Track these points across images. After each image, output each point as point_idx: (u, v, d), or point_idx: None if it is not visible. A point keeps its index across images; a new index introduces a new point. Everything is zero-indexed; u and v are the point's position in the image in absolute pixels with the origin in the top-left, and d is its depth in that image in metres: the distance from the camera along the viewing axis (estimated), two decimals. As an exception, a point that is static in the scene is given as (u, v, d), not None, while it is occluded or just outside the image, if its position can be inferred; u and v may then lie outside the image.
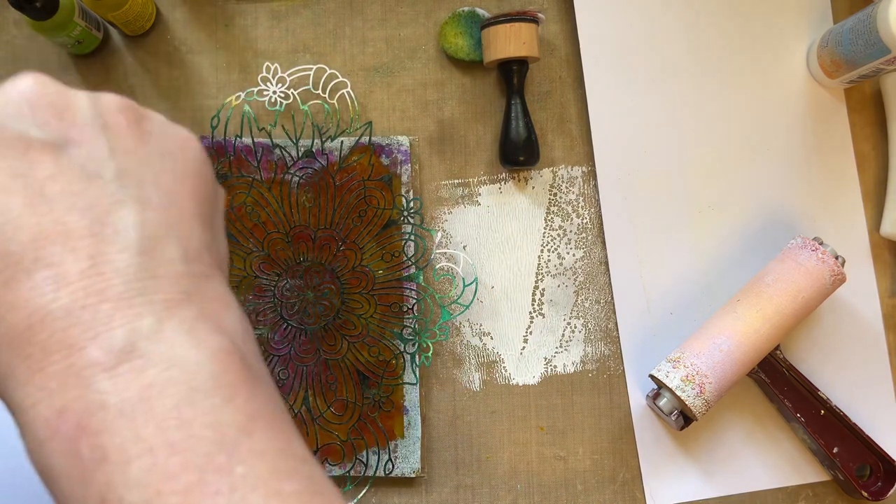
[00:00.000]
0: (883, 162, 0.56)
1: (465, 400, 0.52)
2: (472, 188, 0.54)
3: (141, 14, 0.51)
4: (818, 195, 0.55)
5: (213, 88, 0.53)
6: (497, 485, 0.52)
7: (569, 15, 0.55)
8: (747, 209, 0.54)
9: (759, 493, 0.52)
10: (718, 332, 0.49)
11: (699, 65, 0.55)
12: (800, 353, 0.53)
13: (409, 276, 0.51)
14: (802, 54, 0.55)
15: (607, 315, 0.53)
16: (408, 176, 0.52)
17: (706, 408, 0.47)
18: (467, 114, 0.54)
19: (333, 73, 0.52)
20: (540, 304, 0.53)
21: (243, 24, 0.54)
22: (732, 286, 0.52)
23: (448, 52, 0.53)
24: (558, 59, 0.55)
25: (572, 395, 0.53)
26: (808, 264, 0.48)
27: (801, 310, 0.49)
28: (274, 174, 0.51)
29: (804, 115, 0.55)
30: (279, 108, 0.52)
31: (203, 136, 0.51)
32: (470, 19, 0.53)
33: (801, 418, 0.50)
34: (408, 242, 0.51)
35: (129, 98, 0.26)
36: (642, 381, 0.53)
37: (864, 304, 0.54)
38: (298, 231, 0.51)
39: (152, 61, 0.53)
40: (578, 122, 0.55)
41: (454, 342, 0.53)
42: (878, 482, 0.51)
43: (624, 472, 0.52)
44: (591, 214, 0.54)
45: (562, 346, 0.53)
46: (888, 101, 0.54)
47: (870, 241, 0.55)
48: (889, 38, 0.46)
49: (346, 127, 0.52)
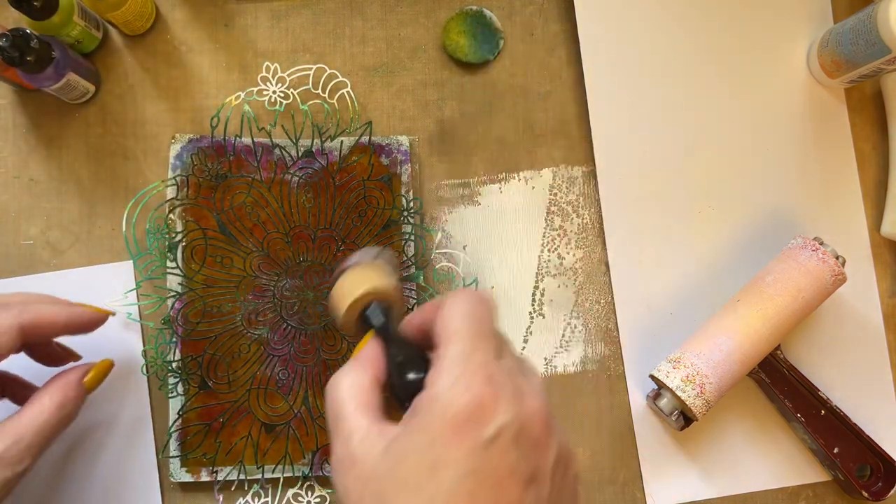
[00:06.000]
0: (883, 162, 0.56)
1: (465, 400, 0.52)
2: (472, 188, 0.54)
3: (140, 14, 0.51)
4: (818, 195, 0.55)
5: (212, 88, 0.53)
6: (497, 485, 0.52)
7: (569, 15, 0.55)
8: (747, 209, 0.54)
9: (760, 493, 0.52)
10: (719, 332, 0.49)
11: (699, 65, 0.55)
12: (800, 353, 0.53)
13: (409, 276, 0.51)
14: (802, 54, 0.55)
15: (607, 315, 0.53)
16: (408, 176, 0.52)
17: (706, 408, 0.47)
18: (467, 114, 0.54)
19: (333, 73, 0.52)
20: (540, 304, 0.53)
21: (243, 24, 0.54)
22: (732, 286, 0.52)
23: (448, 50, 0.53)
24: (558, 59, 0.55)
25: (572, 395, 0.53)
26: (808, 264, 0.48)
27: (802, 310, 0.49)
28: (274, 174, 0.51)
29: (804, 115, 0.55)
30: (279, 107, 0.51)
31: (203, 136, 0.51)
32: (475, 20, 0.53)
33: (801, 418, 0.50)
34: (408, 242, 0.51)
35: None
36: (642, 381, 0.53)
37: (864, 304, 0.54)
38: (298, 231, 0.51)
39: (152, 61, 0.53)
40: (578, 122, 0.54)
41: (454, 342, 0.53)
42: (878, 482, 0.51)
43: (624, 472, 0.52)
44: (591, 214, 0.54)
45: (562, 346, 0.53)
46: (888, 101, 0.54)
47: (870, 241, 0.55)
48: (889, 38, 0.46)
49: (345, 127, 0.52)
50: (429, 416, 0.28)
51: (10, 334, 0.38)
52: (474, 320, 0.30)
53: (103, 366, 0.43)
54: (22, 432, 0.38)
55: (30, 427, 0.38)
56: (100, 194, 0.52)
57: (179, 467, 0.49)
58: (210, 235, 0.50)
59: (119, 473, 0.49)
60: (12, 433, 0.37)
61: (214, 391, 0.49)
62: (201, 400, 0.49)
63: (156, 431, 0.50)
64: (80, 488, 0.49)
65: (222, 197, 0.50)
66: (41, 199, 0.52)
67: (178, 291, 0.49)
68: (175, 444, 0.49)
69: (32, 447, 0.38)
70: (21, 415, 0.39)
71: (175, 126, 0.52)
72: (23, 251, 0.51)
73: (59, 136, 0.52)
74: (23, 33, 0.44)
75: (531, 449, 0.28)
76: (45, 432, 0.38)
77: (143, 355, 0.50)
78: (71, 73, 0.48)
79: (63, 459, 0.49)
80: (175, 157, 0.51)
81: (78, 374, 0.42)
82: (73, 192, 0.52)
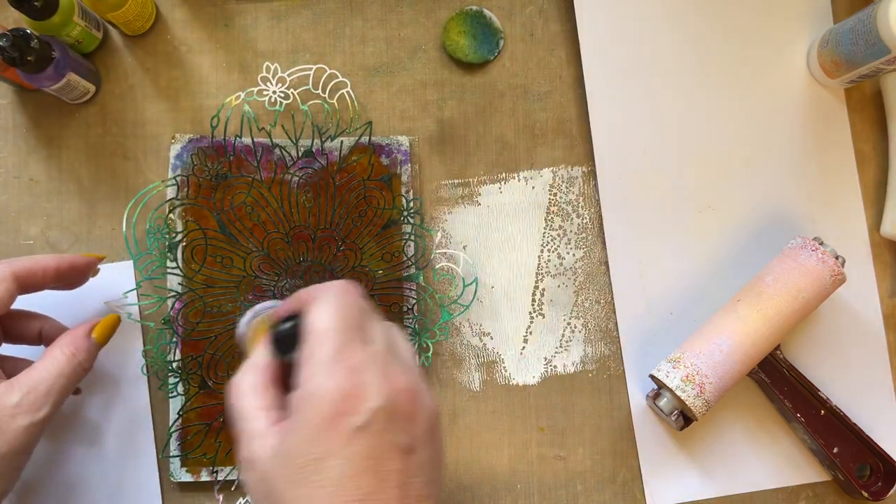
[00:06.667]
0: (883, 162, 0.56)
1: (465, 400, 0.52)
2: (472, 188, 0.54)
3: (140, 14, 0.51)
4: (818, 195, 0.55)
5: (212, 88, 0.53)
6: (497, 485, 0.52)
7: (569, 15, 0.55)
8: (747, 209, 0.54)
9: (759, 493, 0.52)
10: (719, 332, 0.49)
11: (699, 65, 0.55)
12: (800, 353, 0.53)
13: (409, 276, 0.51)
14: (802, 54, 0.55)
15: (607, 315, 0.53)
16: (408, 176, 0.52)
17: (706, 408, 0.47)
18: (467, 114, 0.54)
19: (333, 73, 0.52)
20: (540, 304, 0.53)
21: (243, 24, 0.54)
22: (732, 286, 0.52)
23: (448, 49, 0.53)
24: (558, 59, 0.55)
25: (572, 395, 0.53)
26: (808, 264, 0.48)
27: (802, 310, 0.49)
28: (274, 174, 0.51)
29: (804, 115, 0.55)
30: (279, 108, 0.51)
31: (203, 136, 0.51)
32: (475, 20, 0.53)
33: (801, 418, 0.50)
34: (408, 242, 0.51)
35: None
36: (642, 381, 0.53)
37: (864, 304, 0.54)
38: (298, 231, 0.51)
39: (152, 61, 0.53)
40: (578, 122, 0.55)
41: (454, 342, 0.53)
42: (878, 482, 0.51)
43: (624, 472, 0.52)
44: (591, 214, 0.54)
45: (562, 346, 0.53)
46: (888, 101, 0.54)
47: (870, 241, 0.55)
48: (889, 38, 0.46)
49: (345, 127, 0.52)
50: (305, 414, 0.30)
51: (5, 282, 0.40)
52: (339, 317, 0.32)
53: (109, 319, 0.45)
54: (37, 381, 0.40)
55: (44, 376, 0.40)
56: (100, 194, 0.52)
57: (179, 467, 0.49)
58: (210, 235, 0.50)
59: (119, 473, 0.49)
60: (27, 382, 0.40)
61: (214, 391, 0.49)
62: (201, 400, 0.49)
63: (156, 431, 0.50)
64: (80, 488, 0.49)
65: (222, 197, 0.50)
66: (41, 199, 0.52)
67: (178, 291, 0.49)
68: (175, 444, 0.49)
69: (49, 395, 0.40)
70: (34, 367, 0.41)
71: (175, 126, 0.52)
72: (23, 251, 0.51)
73: (59, 136, 0.52)
74: (23, 33, 0.44)
75: (405, 422, 0.31)
76: (60, 381, 0.40)
77: (143, 355, 0.50)
78: (71, 74, 0.48)
79: (63, 459, 0.49)
80: (175, 157, 0.51)
81: (85, 328, 0.43)
82: (73, 192, 0.52)
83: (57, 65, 0.47)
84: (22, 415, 0.38)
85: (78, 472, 0.49)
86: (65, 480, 0.49)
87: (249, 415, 0.33)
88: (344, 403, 0.30)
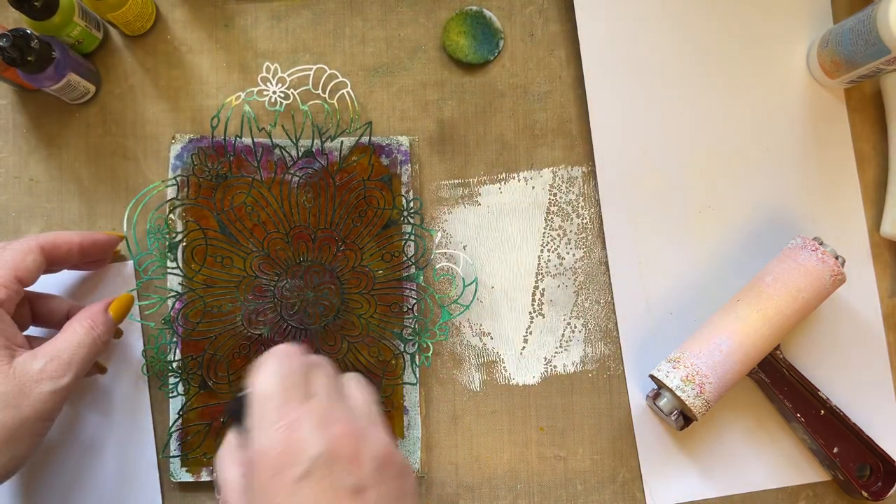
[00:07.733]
0: (883, 162, 0.56)
1: (465, 400, 0.52)
2: (472, 188, 0.54)
3: (141, 14, 0.51)
4: (818, 195, 0.55)
5: (212, 88, 0.53)
6: (497, 485, 0.52)
7: (569, 15, 0.55)
8: (747, 209, 0.54)
9: (759, 493, 0.53)
10: (718, 332, 0.49)
11: (699, 64, 0.55)
12: (800, 353, 0.53)
13: (409, 276, 0.51)
14: (802, 54, 0.55)
15: (607, 315, 0.53)
16: (408, 176, 0.52)
17: (706, 408, 0.48)
18: (467, 114, 0.54)
19: (333, 73, 0.52)
20: (540, 304, 0.53)
21: (243, 24, 0.54)
22: (732, 286, 0.52)
23: (448, 50, 0.53)
24: (558, 59, 0.55)
25: (572, 395, 0.53)
26: (808, 264, 0.48)
27: (801, 310, 0.49)
28: (274, 174, 0.51)
29: (804, 115, 0.55)
30: (279, 108, 0.51)
31: (203, 136, 0.51)
32: (475, 20, 0.53)
33: (801, 418, 0.50)
34: (408, 242, 0.51)
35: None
36: (642, 381, 0.53)
37: (864, 304, 0.54)
38: (298, 231, 0.51)
39: (152, 61, 0.53)
40: (578, 122, 0.55)
41: (454, 342, 0.53)
42: (878, 482, 0.51)
43: (624, 472, 0.52)
44: (591, 214, 0.54)
45: (562, 346, 0.53)
46: (888, 101, 0.54)
47: (870, 241, 0.55)
48: (889, 38, 0.46)
49: (346, 127, 0.52)
50: (254, 476, 0.33)
51: (33, 254, 0.43)
52: (278, 379, 0.36)
53: (124, 297, 0.46)
54: (59, 350, 0.41)
55: (66, 346, 0.42)
56: (100, 194, 0.52)
57: (180, 467, 0.49)
58: (210, 235, 0.50)
59: (119, 473, 0.49)
60: (50, 352, 0.41)
61: (214, 391, 0.49)
62: (201, 400, 0.49)
63: (156, 431, 0.50)
64: (80, 488, 0.49)
65: (222, 197, 0.50)
66: (41, 199, 0.52)
67: (179, 291, 0.50)
68: (175, 443, 0.49)
69: (72, 364, 0.41)
70: (56, 338, 0.42)
71: (175, 126, 0.52)
72: (23, 251, 0.51)
73: (59, 136, 0.52)
74: (23, 33, 0.44)
75: (349, 464, 0.33)
76: (81, 350, 0.42)
77: (144, 355, 0.50)
78: (71, 74, 0.48)
79: (64, 459, 0.49)
80: (175, 157, 0.51)
81: (102, 304, 0.45)
82: (73, 192, 0.52)
83: (57, 65, 0.47)
84: (46, 380, 0.40)
85: (78, 472, 0.49)
86: (65, 479, 0.49)
87: (225, 485, 0.36)
88: (283, 458, 0.33)
